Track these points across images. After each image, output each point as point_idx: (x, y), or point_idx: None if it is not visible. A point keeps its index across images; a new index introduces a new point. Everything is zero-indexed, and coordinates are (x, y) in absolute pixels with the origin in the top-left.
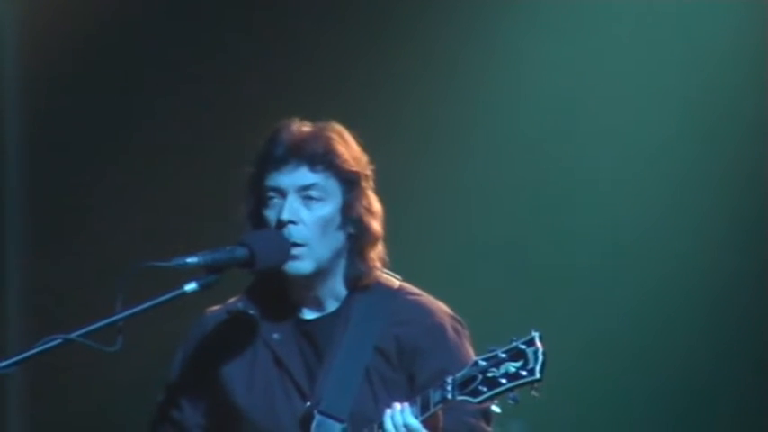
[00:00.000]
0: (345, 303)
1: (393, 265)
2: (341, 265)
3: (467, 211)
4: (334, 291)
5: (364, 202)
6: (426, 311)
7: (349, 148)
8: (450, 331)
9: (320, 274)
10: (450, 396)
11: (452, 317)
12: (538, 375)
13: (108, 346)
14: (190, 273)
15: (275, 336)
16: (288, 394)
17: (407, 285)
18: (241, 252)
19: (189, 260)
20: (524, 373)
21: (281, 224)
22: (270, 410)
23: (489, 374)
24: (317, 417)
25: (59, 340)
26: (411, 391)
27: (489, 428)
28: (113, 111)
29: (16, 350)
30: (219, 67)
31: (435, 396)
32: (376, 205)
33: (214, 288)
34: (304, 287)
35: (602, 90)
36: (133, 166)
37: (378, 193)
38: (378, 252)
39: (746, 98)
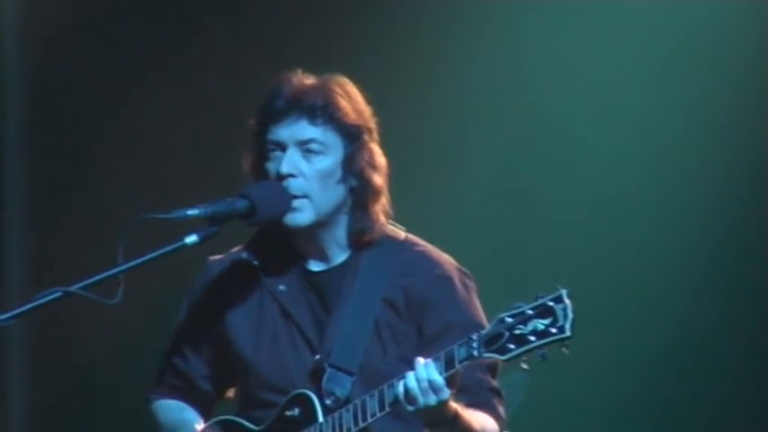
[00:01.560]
0: (353, 256)
1: (397, 217)
2: (344, 219)
3: (468, 167)
4: (339, 242)
5: (366, 156)
6: (434, 263)
7: (351, 101)
8: (457, 283)
9: (322, 226)
10: (476, 353)
11: (459, 269)
12: (568, 333)
13: (109, 299)
14: (190, 225)
15: (281, 287)
16: (296, 347)
17: (413, 237)
18: (241, 204)
19: (189, 212)
20: (554, 330)
21: (280, 177)
22: (277, 363)
23: (516, 332)
24: (328, 370)
25: (59, 293)
26: (419, 343)
27: (495, 382)
28: (114, 65)
29: (17, 303)
30: (219, 23)
31: (461, 353)
32: (379, 159)
33: (215, 240)
34: (307, 239)
35: (601, 84)
36: (134, 118)
37: (381, 146)
38: (382, 206)
39: (746, 95)
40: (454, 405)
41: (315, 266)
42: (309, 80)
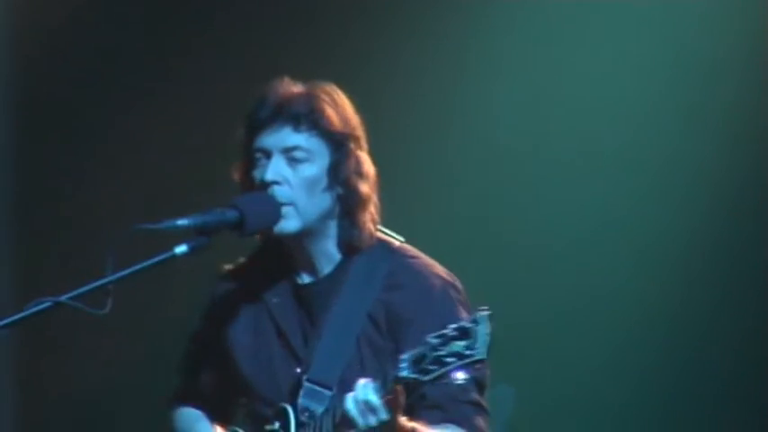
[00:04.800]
0: (340, 267)
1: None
2: (332, 228)
3: (465, 171)
4: (328, 253)
5: (353, 164)
6: (420, 275)
7: (338, 108)
8: (438, 298)
9: (309, 234)
10: (403, 374)
11: (447, 280)
12: (482, 355)
13: (98, 309)
14: (180, 235)
15: (274, 300)
16: (286, 361)
17: (407, 246)
18: (231, 214)
19: (179, 222)
20: (468, 352)
21: (264, 185)
22: (271, 377)
23: (437, 353)
24: (306, 385)
25: (49, 303)
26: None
27: (475, 395)
28: (106, 75)
29: (6, 313)
30: (213, 33)
31: (391, 374)
32: (367, 167)
33: (206, 250)
34: (296, 249)
35: (597, 85)
36: (126, 129)
37: (372, 155)
38: (370, 214)
39: (744, 96)
40: (410, 424)
41: (304, 279)
42: (295, 88)
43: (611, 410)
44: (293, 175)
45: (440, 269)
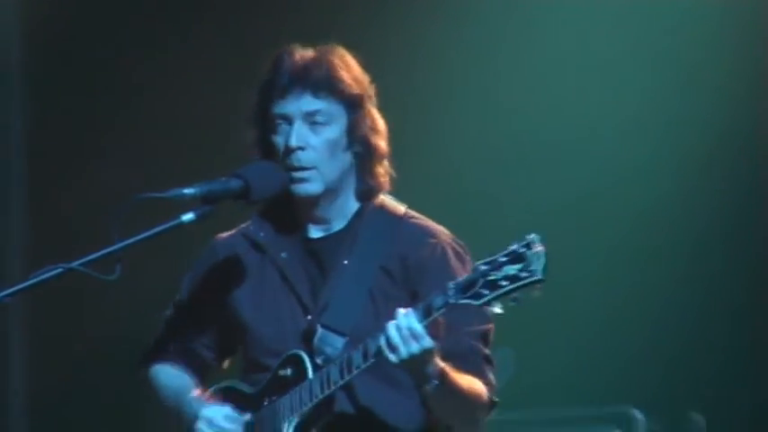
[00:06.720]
0: (351, 223)
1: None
2: (350, 183)
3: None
4: (344, 209)
5: (368, 122)
6: (430, 233)
7: (350, 71)
8: (451, 252)
9: (330, 193)
10: (452, 300)
11: (455, 240)
12: (540, 276)
13: (107, 276)
14: (187, 204)
15: (283, 255)
16: (293, 312)
17: (412, 212)
18: (236, 183)
19: (186, 191)
20: (525, 274)
21: (289, 150)
22: (276, 328)
23: (490, 278)
24: (320, 330)
25: (60, 269)
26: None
27: (487, 350)
28: (114, 44)
29: (17, 279)
30: (215, 11)
31: (437, 301)
32: (380, 123)
33: (211, 219)
34: (312, 206)
35: (589, 80)
36: (133, 97)
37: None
38: (385, 167)
39: (733, 93)
40: (441, 364)
41: (314, 233)
42: (309, 54)
43: (609, 373)
44: (315, 140)
45: (447, 231)
